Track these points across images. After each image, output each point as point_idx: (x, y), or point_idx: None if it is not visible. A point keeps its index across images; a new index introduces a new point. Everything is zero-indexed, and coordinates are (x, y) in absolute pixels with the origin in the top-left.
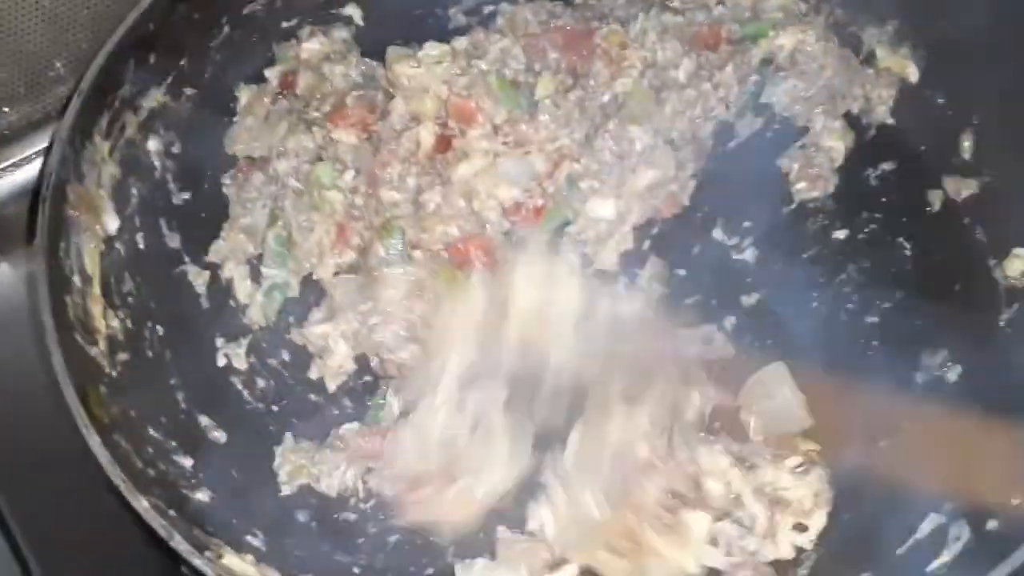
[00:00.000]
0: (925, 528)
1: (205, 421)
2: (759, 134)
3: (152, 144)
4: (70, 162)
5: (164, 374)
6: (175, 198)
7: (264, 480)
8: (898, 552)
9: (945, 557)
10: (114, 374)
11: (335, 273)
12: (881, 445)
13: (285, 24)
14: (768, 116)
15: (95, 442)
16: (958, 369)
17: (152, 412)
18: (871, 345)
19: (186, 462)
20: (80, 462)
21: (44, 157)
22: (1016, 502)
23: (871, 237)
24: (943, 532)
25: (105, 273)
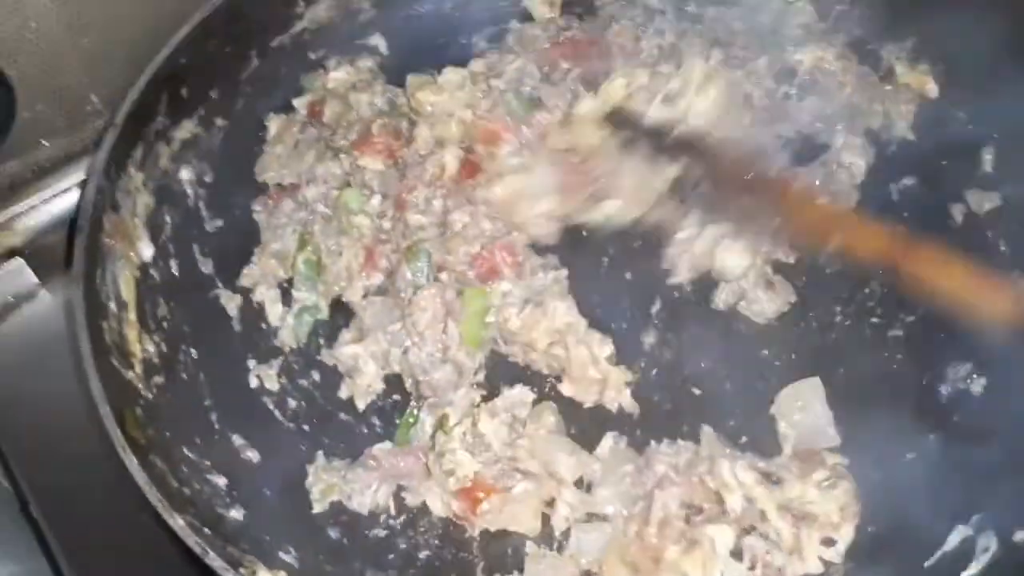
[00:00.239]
0: (953, 540)
1: (238, 441)
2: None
3: (185, 174)
4: (106, 192)
5: (198, 396)
6: (208, 225)
7: (296, 498)
8: (926, 564)
9: (973, 569)
10: (150, 397)
11: (364, 295)
12: (908, 458)
13: (312, 55)
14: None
15: (132, 463)
16: (983, 382)
17: (187, 433)
18: (895, 359)
19: (220, 481)
20: (116, 483)
21: (82, 188)
22: None
23: None
24: (971, 544)
25: (140, 299)
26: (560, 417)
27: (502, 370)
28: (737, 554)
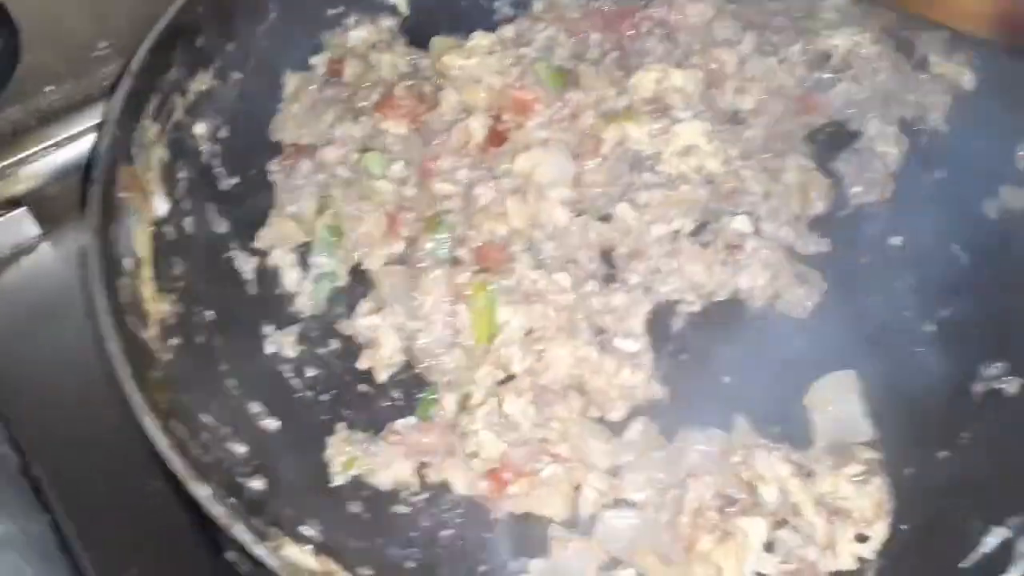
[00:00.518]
0: (990, 542)
1: (256, 408)
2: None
3: (199, 128)
4: (120, 144)
5: (214, 360)
6: (222, 183)
7: (316, 470)
8: (961, 566)
9: (1014, 573)
10: (166, 359)
11: (384, 263)
12: (940, 456)
13: (331, 11)
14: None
15: (154, 428)
16: (1018, 382)
17: (204, 399)
18: (928, 354)
19: (240, 449)
20: (119, 444)
21: (93, 136)
22: None
23: (927, 245)
24: (1009, 547)
25: (155, 256)
26: (588, 399)
27: None
28: (769, 547)
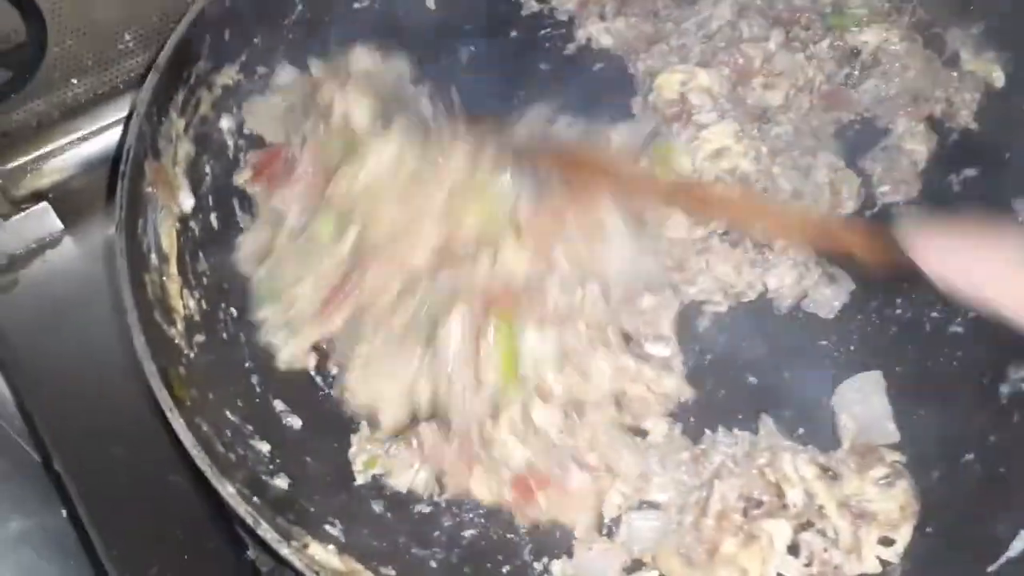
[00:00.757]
0: (1017, 546)
1: (280, 406)
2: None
3: (225, 122)
4: (147, 138)
5: (239, 357)
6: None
7: (339, 469)
8: (989, 570)
9: None
10: (192, 355)
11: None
12: (967, 458)
13: (358, 5)
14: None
15: (180, 425)
16: None
17: (229, 396)
18: (956, 355)
19: (263, 447)
20: (142, 440)
21: (122, 130)
22: None
23: None
24: None
25: (180, 252)
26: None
27: None
28: (793, 550)
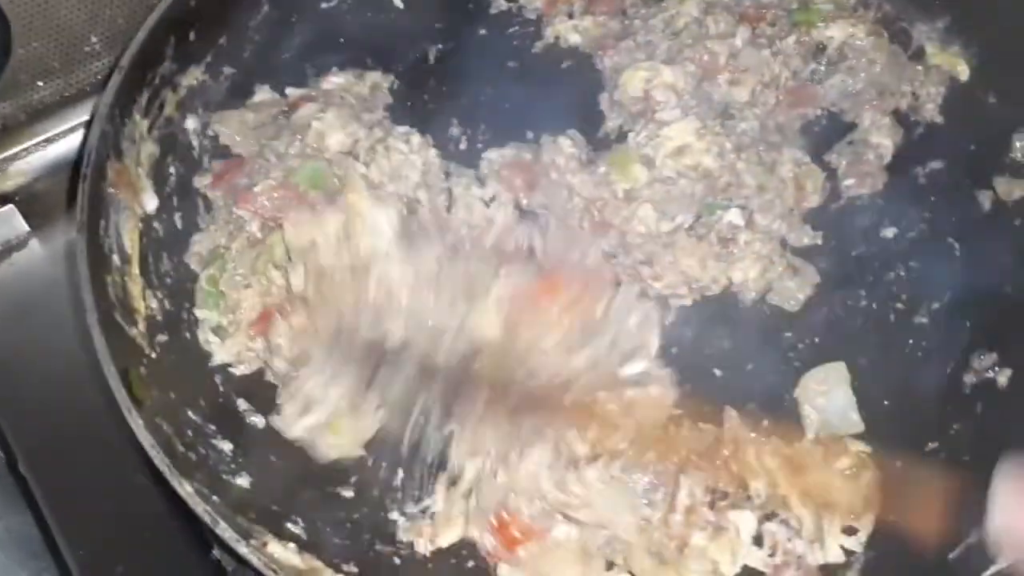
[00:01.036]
0: (976, 534)
1: (243, 405)
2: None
3: (190, 123)
4: (110, 139)
5: (202, 356)
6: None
7: (301, 468)
8: (950, 557)
9: (1001, 563)
10: (153, 355)
11: (236, 356)
12: (931, 447)
13: (325, 5)
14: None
15: (138, 425)
16: (1008, 372)
17: (191, 395)
18: (920, 346)
19: (226, 446)
20: (108, 441)
21: (84, 132)
22: None
23: (920, 236)
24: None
25: (143, 253)
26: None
27: None
28: (757, 540)
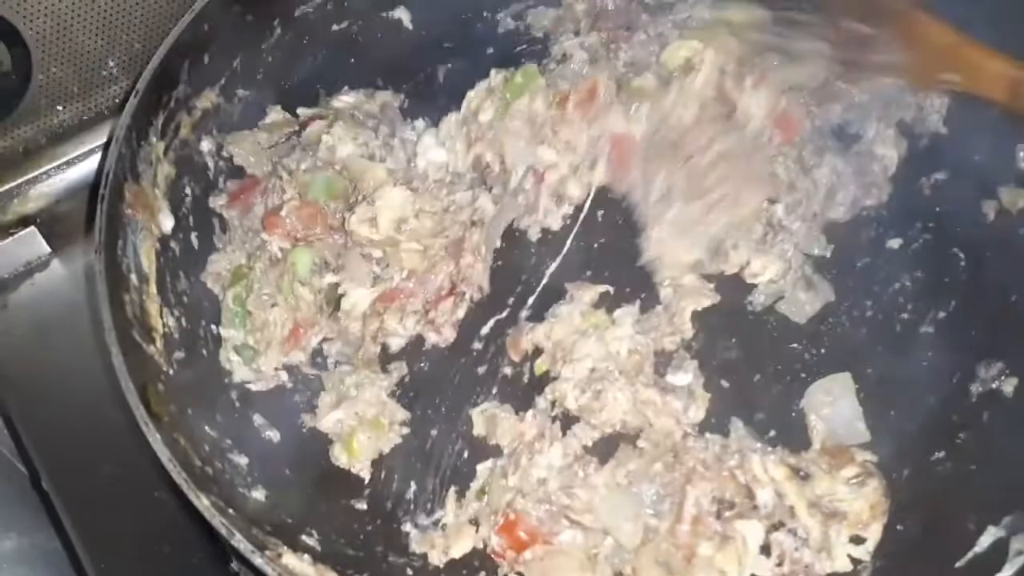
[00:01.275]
0: (984, 542)
1: (259, 420)
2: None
3: (205, 145)
4: (127, 161)
5: (218, 372)
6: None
7: (317, 480)
8: (957, 565)
9: (1007, 572)
10: (171, 372)
11: (276, 368)
12: (937, 456)
13: (336, 27)
14: None
15: (156, 440)
16: (1014, 381)
17: (208, 411)
18: (926, 355)
19: (241, 460)
20: (129, 457)
21: (101, 155)
22: None
23: (925, 246)
24: (1004, 546)
25: (161, 272)
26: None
27: None
28: (765, 550)
